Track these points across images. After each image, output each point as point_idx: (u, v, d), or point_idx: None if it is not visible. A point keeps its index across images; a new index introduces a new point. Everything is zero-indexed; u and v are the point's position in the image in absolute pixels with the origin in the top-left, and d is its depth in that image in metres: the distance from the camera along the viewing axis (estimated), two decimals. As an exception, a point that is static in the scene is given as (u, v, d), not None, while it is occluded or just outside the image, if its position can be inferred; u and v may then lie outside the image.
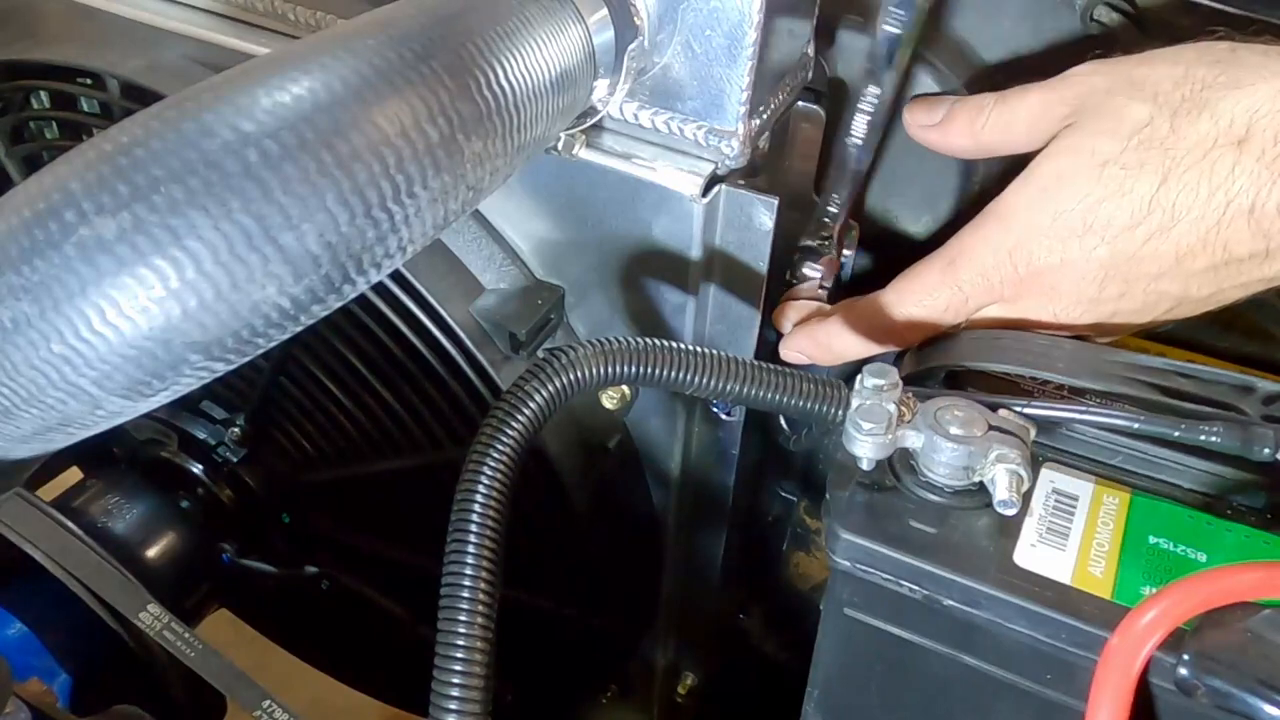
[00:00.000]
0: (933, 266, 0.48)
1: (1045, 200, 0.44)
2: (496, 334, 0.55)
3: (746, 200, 0.49)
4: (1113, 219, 0.43)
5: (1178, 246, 0.43)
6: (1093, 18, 0.50)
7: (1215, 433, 0.40)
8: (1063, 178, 0.44)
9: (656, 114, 0.46)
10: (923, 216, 0.58)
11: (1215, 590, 0.35)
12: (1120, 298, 0.45)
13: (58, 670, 0.63)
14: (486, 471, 0.39)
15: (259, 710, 0.54)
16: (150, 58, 0.56)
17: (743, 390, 0.42)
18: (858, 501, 0.40)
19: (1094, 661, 0.35)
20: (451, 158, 0.33)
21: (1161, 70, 0.43)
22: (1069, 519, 0.40)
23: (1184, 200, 0.42)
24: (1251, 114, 0.41)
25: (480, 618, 0.38)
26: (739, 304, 0.53)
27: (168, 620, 0.57)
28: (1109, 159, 0.43)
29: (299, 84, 0.31)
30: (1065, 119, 0.45)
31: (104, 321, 0.28)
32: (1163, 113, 0.42)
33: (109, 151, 0.29)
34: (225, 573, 0.76)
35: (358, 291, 0.33)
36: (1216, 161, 0.41)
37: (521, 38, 0.36)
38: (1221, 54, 0.42)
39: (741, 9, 0.43)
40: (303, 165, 0.30)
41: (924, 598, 0.38)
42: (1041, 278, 0.45)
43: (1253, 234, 0.42)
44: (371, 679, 0.87)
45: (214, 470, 0.73)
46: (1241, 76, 0.41)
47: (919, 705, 0.42)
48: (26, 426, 0.31)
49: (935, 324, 0.48)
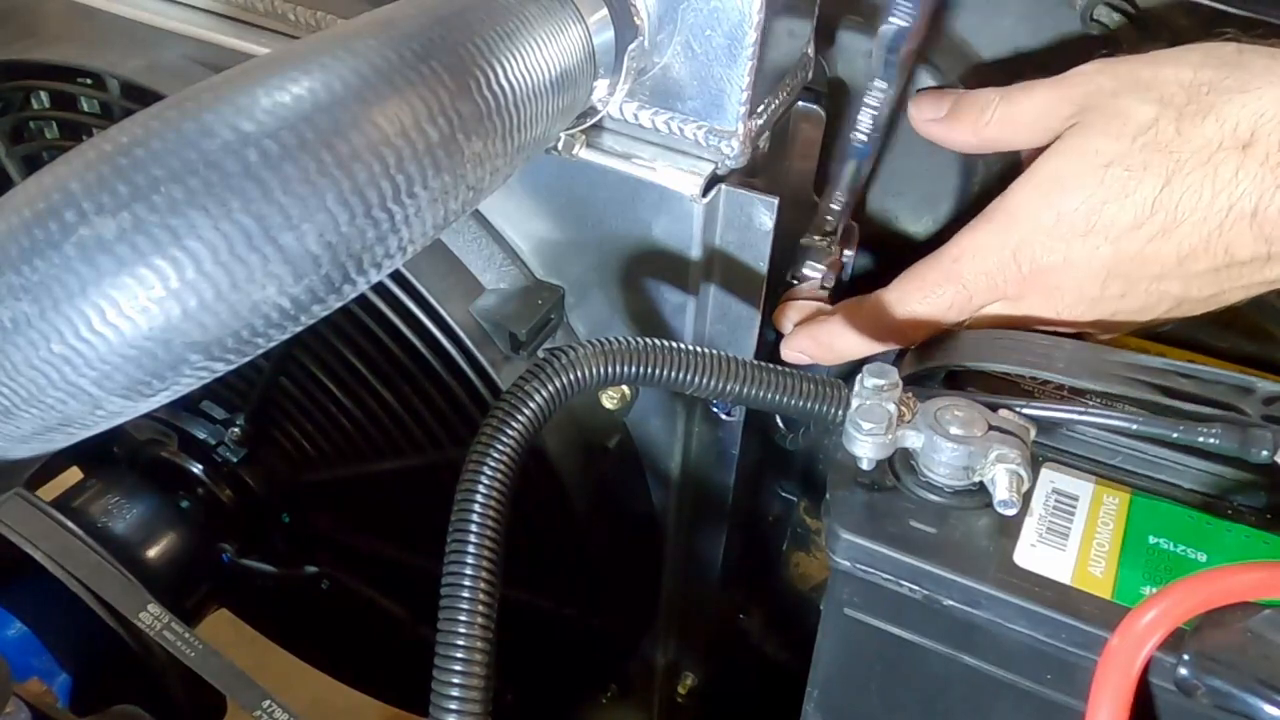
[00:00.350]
0: (936, 265, 0.48)
1: (1049, 200, 0.44)
2: (496, 334, 0.55)
3: (746, 200, 0.49)
4: (1116, 219, 0.43)
5: (1180, 248, 0.43)
6: (1093, 18, 0.50)
7: (1214, 434, 0.40)
8: (1066, 178, 0.44)
9: (656, 114, 0.46)
10: (923, 216, 0.58)
11: (1215, 590, 0.35)
12: (1122, 297, 0.45)
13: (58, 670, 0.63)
14: (486, 472, 0.39)
15: (259, 710, 0.54)
16: (150, 58, 0.56)
17: (743, 390, 0.42)
18: (858, 501, 0.40)
19: (1094, 661, 0.35)
20: (451, 158, 0.33)
21: (1168, 72, 0.43)
22: (1069, 519, 0.40)
23: (1187, 202, 0.42)
24: (1257, 118, 0.41)
25: (480, 618, 0.38)
26: (739, 304, 0.53)
27: (168, 620, 0.57)
28: (1113, 160, 0.43)
29: (299, 84, 0.31)
30: (1070, 118, 0.45)
31: (104, 321, 0.28)
32: (1168, 115, 0.42)
33: (109, 151, 0.29)
34: (225, 573, 0.76)
35: (358, 291, 0.33)
36: (1220, 165, 0.41)
37: (521, 38, 0.36)
38: (1229, 56, 0.42)
39: (741, 9, 0.43)
40: (303, 165, 0.30)
41: (924, 598, 0.38)
42: (1044, 276, 0.45)
43: (1255, 237, 0.42)
44: (371, 679, 0.87)
45: (214, 470, 0.73)
46: (1248, 80, 0.41)
47: (919, 705, 0.42)
48: (26, 426, 0.31)
49: (938, 322, 0.48)
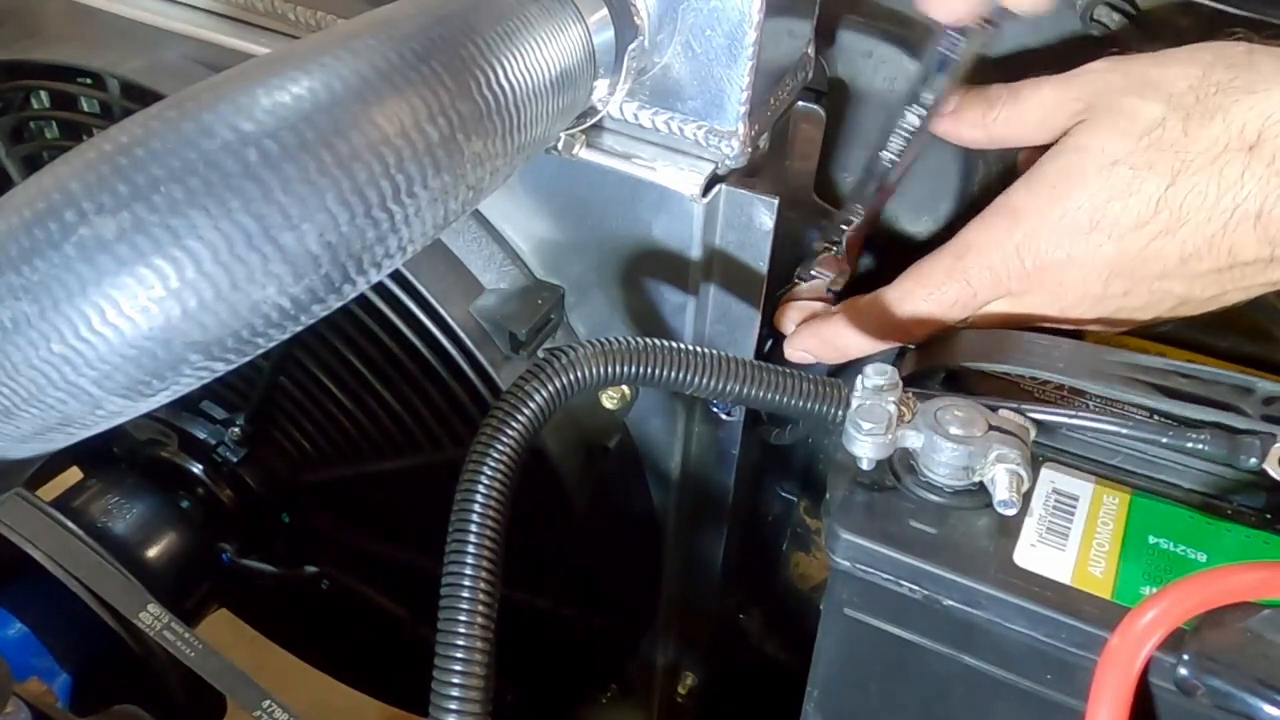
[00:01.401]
0: (940, 261, 0.47)
1: (1054, 197, 0.44)
2: (497, 334, 0.55)
3: (746, 200, 0.49)
4: (1120, 218, 0.43)
5: (1183, 248, 0.43)
6: (1093, 18, 0.50)
7: (1203, 440, 0.40)
8: (1072, 175, 0.44)
9: (656, 114, 0.46)
10: (923, 216, 0.58)
11: (1215, 590, 0.35)
12: (1125, 295, 0.45)
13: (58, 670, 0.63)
14: (486, 472, 0.39)
15: (259, 710, 0.54)
16: (150, 58, 0.56)
17: (743, 390, 0.42)
18: (858, 501, 0.40)
19: (1094, 661, 0.35)
20: (451, 157, 0.33)
21: (1176, 71, 0.43)
22: (1069, 519, 0.40)
23: (1191, 202, 0.42)
24: (1264, 120, 0.41)
25: (480, 618, 0.38)
26: (739, 304, 0.53)
27: (168, 620, 0.57)
28: (1119, 158, 0.43)
29: (299, 84, 0.31)
30: (1077, 115, 0.45)
31: (104, 321, 0.28)
32: (1175, 114, 0.42)
33: (109, 151, 0.29)
34: (225, 573, 0.76)
35: (358, 291, 0.33)
36: (1226, 166, 0.41)
37: (521, 37, 0.36)
38: (1238, 57, 0.42)
39: (741, 9, 0.43)
40: (303, 165, 0.30)
41: (924, 598, 0.38)
42: (1048, 273, 0.45)
43: (1258, 239, 0.42)
44: (371, 679, 0.87)
45: (214, 470, 0.73)
46: (1256, 81, 0.41)
47: (919, 705, 0.42)
48: (26, 426, 0.31)
49: (942, 319, 0.48)
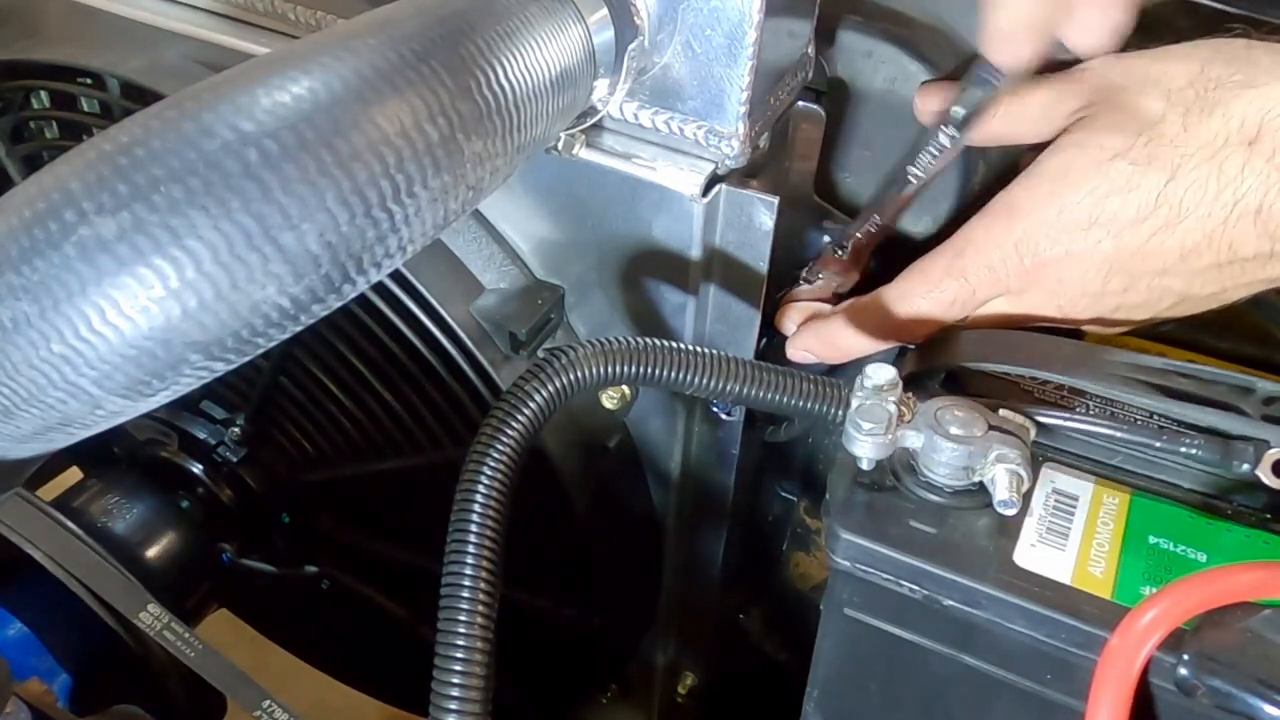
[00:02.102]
0: (939, 260, 0.47)
1: (1052, 193, 0.44)
2: (497, 334, 0.54)
3: (746, 200, 0.49)
4: (1119, 213, 0.43)
5: (1183, 243, 0.43)
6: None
7: (1196, 446, 0.40)
8: (1070, 171, 0.44)
9: (656, 114, 0.46)
10: (923, 216, 0.58)
11: (1215, 590, 0.35)
12: (1124, 292, 0.45)
13: (58, 670, 0.63)
14: (486, 472, 0.39)
15: (259, 710, 0.54)
16: (150, 58, 0.56)
17: (743, 390, 0.42)
18: (858, 501, 0.40)
19: (1094, 661, 0.35)
20: (451, 157, 0.33)
21: (1175, 67, 0.43)
22: (1069, 519, 0.40)
23: (1191, 197, 0.42)
24: (1264, 114, 0.41)
25: (480, 618, 0.38)
26: (739, 304, 0.53)
27: (168, 620, 0.57)
28: (1118, 153, 0.43)
29: (299, 84, 0.31)
30: (1077, 112, 0.45)
31: (104, 321, 0.28)
32: (1175, 110, 0.42)
33: (109, 151, 0.29)
34: (225, 573, 0.76)
35: (358, 291, 0.33)
36: (1226, 160, 0.41)
37: (521, 37, 0.36)
38: (1237, 52, 0.42)
39: (741, 9, 0.43)
40: (303, 165, 0.30)
41: (924, 598, 0.38)
42: (1047, 270, 0.45)
43: (1258, 234, 0.42)
44: (371, 679, 0.87)
45: (214, 470, 0.73)
46: (1256, 76, 0.41)
47: (919, 705, 0.42)
48: (26, 426, 0.31)
49: (941, 318, 0.48)
